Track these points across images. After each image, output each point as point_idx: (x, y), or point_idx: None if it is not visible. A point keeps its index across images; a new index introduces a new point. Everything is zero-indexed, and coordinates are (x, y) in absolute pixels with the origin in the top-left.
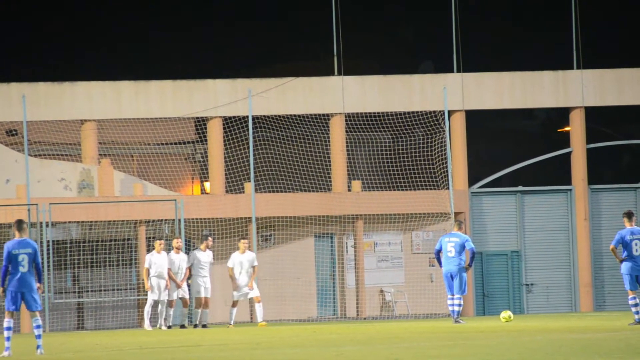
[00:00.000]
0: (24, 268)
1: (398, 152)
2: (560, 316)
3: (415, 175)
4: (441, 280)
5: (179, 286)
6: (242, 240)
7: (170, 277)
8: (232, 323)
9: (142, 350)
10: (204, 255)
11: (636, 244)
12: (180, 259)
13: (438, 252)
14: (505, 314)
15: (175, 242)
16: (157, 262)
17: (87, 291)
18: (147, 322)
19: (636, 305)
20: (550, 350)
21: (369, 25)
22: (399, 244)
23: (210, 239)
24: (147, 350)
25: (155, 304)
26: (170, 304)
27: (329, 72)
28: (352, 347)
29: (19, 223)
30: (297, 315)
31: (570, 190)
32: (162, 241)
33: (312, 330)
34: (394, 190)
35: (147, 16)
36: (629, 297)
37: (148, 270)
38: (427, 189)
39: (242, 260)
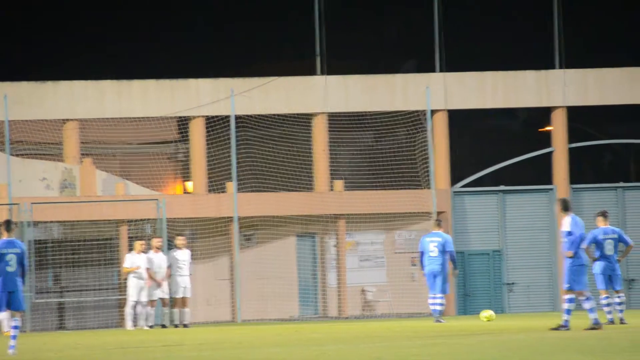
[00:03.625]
0: (11, 268)
1: (380, 151)
2: (542, 315)
3: (397, 175)
4: (423, 279)
5: (159, 285)
6: None
7: (150, 276)
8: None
9: (123, 349)
10: (182, 254)
11: (609, 244)
12: (160, 259)
13: (423, 254)
14: (487, 313)
15: (155, 242)
16: (137, 263)
17: (69, 291)
18: (129, 323)
19: (609, 305)
20: (531, 349)
21: (352, 24)
22: (381, 243)
23: (180, 237)
24: (128, 350)
25: (136, 304)
26: (150, 303)
27: (311, 71)
28: (333, 346)
29: (8, 223)
30: (279, 314)
31: (551, 189)
32: (143, 241)
33: (294, 330)
34: (377, 189)
35: (129, 16)
36: (602, 296)
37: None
38: (409, 189)
39: None
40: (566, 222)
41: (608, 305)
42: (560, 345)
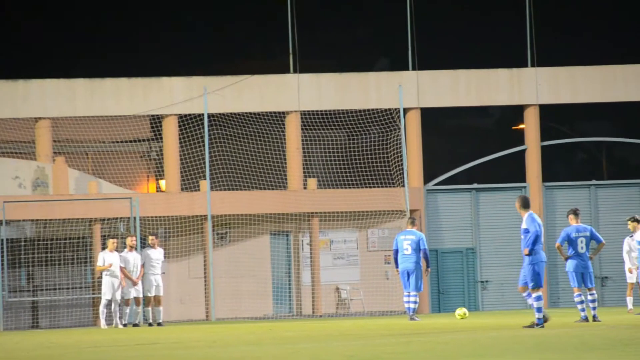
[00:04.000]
0: None
1: (354, 149)
2: (515, 313)
3: (370, 173)
4: (396, 277)
5: (135, 284)
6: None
7: (125, 275)
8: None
9: (97, 348)
10: (155, 253)
11: (582, 242)
12: (134, 257)
13: (397, 252)
14: (460, 310)
15: (129, 241)
16: (109, 261)
17: (42, 290)
18: (102, 322)
19: (582, 302)
20: (505, 347)
21: (325, 23)
22: (354, 241)
23: (151, 237)
24: (102, 349)
25: (109, 303)
26: (125, 302)
27: (285, 69)
28: (307, 344)
29: None
30: (253, 312)
31: (524, 187)
32: (115, 240)
33: (268, 328)
34: (350, 187)
35: (103, 14)
36: (575, 294)
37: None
38: (382, 187)
39: None
40: (524, 220)
41: (581, 302)
42: (533, 343)
